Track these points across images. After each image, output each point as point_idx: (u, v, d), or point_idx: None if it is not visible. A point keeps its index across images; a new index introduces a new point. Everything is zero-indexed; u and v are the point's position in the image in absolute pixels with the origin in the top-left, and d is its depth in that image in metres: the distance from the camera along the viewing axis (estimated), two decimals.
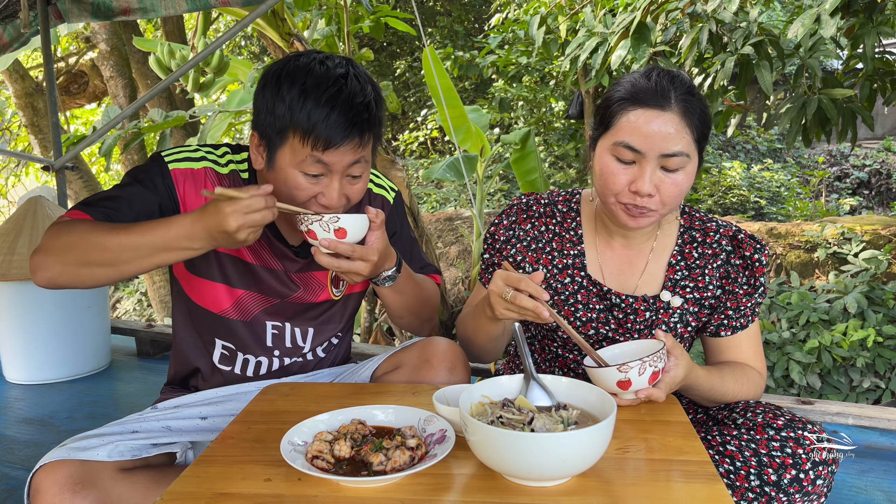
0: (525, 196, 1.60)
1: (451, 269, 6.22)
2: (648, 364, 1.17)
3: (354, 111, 1.27)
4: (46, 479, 1.16)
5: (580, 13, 5.12)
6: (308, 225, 1.28)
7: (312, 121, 1.25)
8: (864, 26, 3.19)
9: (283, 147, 1.30)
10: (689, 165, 1.33)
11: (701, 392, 1.37)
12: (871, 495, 1.90)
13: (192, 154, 1.44)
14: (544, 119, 9.89)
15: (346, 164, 1.31)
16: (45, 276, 1.27)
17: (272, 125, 1.29)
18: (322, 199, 1.33)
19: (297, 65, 1.29)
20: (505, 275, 1.24)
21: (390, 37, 11.28)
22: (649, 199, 1.33)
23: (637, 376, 1.17)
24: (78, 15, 3.25)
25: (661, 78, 1.33)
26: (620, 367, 1.17)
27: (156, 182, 1.39)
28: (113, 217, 1.33)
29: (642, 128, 1.30)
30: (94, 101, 8.79)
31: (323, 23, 4.54)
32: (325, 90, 1.26)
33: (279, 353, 1.56)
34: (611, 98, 1.37)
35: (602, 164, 1.37)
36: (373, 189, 1.64)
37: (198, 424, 1.46)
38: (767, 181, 8.95)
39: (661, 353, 1.19)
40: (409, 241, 1.71)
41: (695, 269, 1.48)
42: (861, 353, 3.95)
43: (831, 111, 3.36)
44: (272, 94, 1.29)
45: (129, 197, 1.37)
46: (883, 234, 4.82)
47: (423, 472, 0.98)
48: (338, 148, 1.27)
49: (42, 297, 2.88)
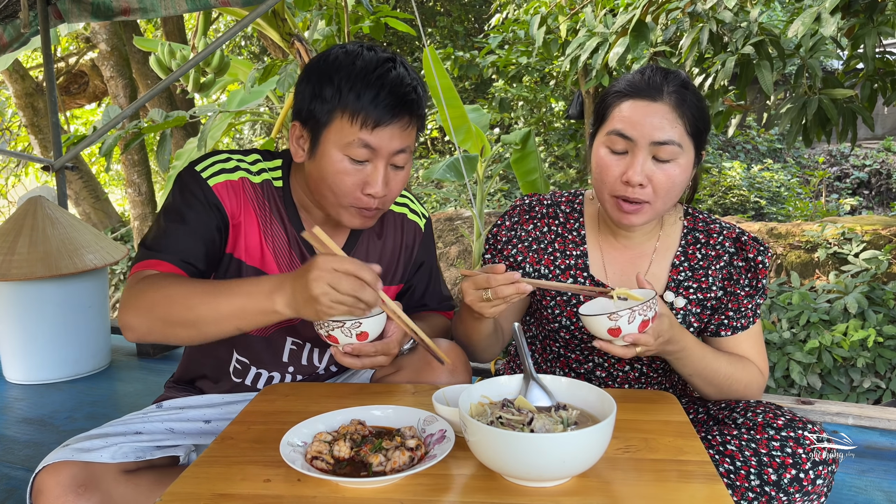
0: (528, 197, 1.60)
1: (452, 269, 6.22)
2: (638, 312, 1.19)
3: (403, 91, 1.28)
4: (49, 480, 1.15)
5: (580, 13, 5.12)
6: (329, 331, 1.26)
7: (363, 100, 1.25)
8: (864, 26, 3.18)
9: (329, 130, 1.29)
10: (682, 157, 1.33)
11: (693, 362, 1.35)
12: (871, 495, 1.90)
13: (225, 165, 1.41)
14: (544, 119, 9.89)
15: (392, 150, 1.30)
16: (134, 336, 1.28)
17: (320, 109, 1.29)
18: (367, 188, 1.31)
19: (345, 51, 1.31)
20: (471, 281, 1.25)
21: (390, 37, 11.27)
22: (641, 190, 1.33)
23: (627, 324, 1.19)
24: (78, 15, 3.25)
25: (654, 73, 1.36)
26: (611, 315, 1.19)
27: (204, 202, 1.36)
28: (188, 257, 1.32)
29: (633, 116, 1.33)
30: (95, 101, 8.79)
31: (323, 23, 4.54)
32: (374, 70, 1.27)
33: (293, 370, 1.55)
34: (607, 93, 1.41)
35: (597, 156, 1.39)
36: (407, 215, 1.62)
37: (201, 427, 1.45)
38: (767, 181, 8.94)
39: (650, 302, 1.20)
40: (433, 272, 1.68)
41: (698, 270, 1.48)
42: (861, 353, 3.95)
43: (832, 111, 3.36)
44: (319, 78, 1.29)
45: (191, 226, 1.34)
46: (883, 234, 4.82)
47: (423, 472, 0.98)
48: (386, 127, 1.27)
49: (42, 297, 2.88)
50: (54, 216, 3.02)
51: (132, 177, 6.50)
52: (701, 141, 1.38)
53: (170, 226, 1.35)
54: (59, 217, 3.04)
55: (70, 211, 3.85)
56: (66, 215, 3.11)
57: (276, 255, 1.43)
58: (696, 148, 1.38)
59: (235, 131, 11.27)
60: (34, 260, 2.83)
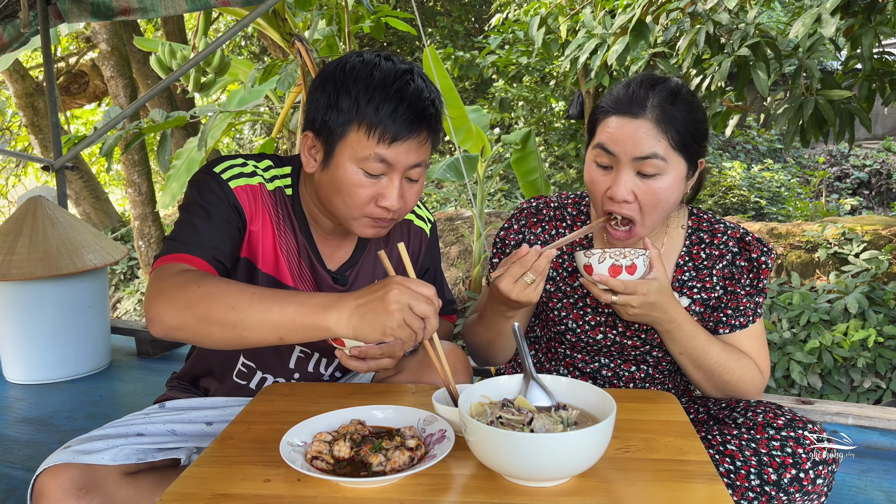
0: (535, 199, 1.61)
1: (452, 269, 6.22)
2: (609, 255, 1.25)
3: (422, 106, 1.24)
4: (50, 483, 1.15)
5: (580, 14, 5.13)
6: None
7: (381, 114, 1.22)
8: (863, 26, 3.18)
9: (344, 142, 1.25)
10: (668, 171, 1.32)
11: (684, 340, 1.35)
12: (871, 495, 1.90)
13: (243, 169, 1.38)
14: (545, 119, 9.89)
15: (408, 164, 1.27)
16: (162, 330, 1.19)
17: (335, 120, 1.25)
18: (382, 200, 1.28)
19: (362, 60, 1.27)
20: (508, 276, 1.28)
21: (390, 37, 11.27)
22: (626, 206, 1.34)
23: (597, 263, 1.26)
24: (78, 15, 3.25)
25: (639, 87, 1.35)
26: (586, 252, 1.27)
27: (226, 202, 1.34)
28: (217, 254, 1.30)
29: (615, 132, 1.33)
30: (95, 101, 8.79)
31: (324, 23, 4.54)
32: (393, 83, 1.23)
33: (299, 376, 1.55)
34: (595, 108, 1.43)
35: (587, 171, 1.41)
36: (413, 221, 1.60)
37: (203, 429, 1.45)
38: (768, 181, 8.94)
39: (628, 251, 1.25)
40: (437, 277, 1.68)
41: (702, 269, 1.48)
42: (862, 353, 3.95)
43: (829, 112, 3.36)
44: (335, 88, 1.25)
45: (217, 223, 1.32)
46: (883, 234, 4.82)
47: (423, 472, 0.98)
48: (403, 142, 1.24)
49: (42, 297, 2.89)
50: (54, 216, 3.03)
51: (132, 177, 6.50)
52: (692, 152, 1.36)
53: (197, 220, 1.31)
54: (59, 217, 3.05)
55: (70, 211, 3.85)
56: (66, 215, 3.11)
57: (288, 263, 1.42)
58: (689, 160, 1.36)
59: (235, 131, 11.27)
60: (34, 260, 2.83)
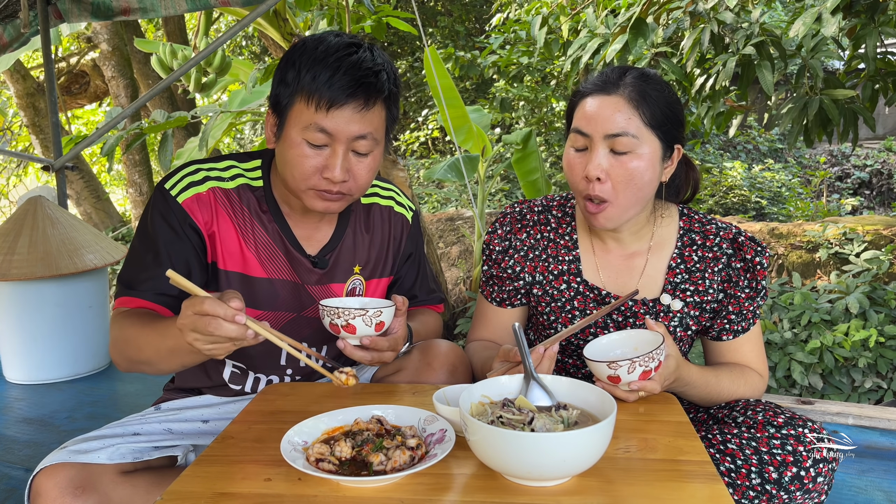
0: (518, 204, 1.59)
1: (453, 269, 6.22)
2: (639, 364, 1.17)
3: (360, 73, 1.26)
4: (47, 482, 1.15)
5: (582, 13, 5.12)
6: (349, 319, 1.26)
7: (318, 81, 1.25)
8: (865, 26, 3.18)
9: (290, 114, 1.29)
10: (641, 149, 1.32)
11: (697, 391, 1.36)
12: (871, 495, 1.89)
13: (194, 177, 1.40)
14: (546, 119, 9.88)
15: (350, 135, 1.28)
16: (121, 369, 1.37)
17: (283, 93, 1.30)
18: (326, 171, 1.30)
19: (315, 38, 1.31)
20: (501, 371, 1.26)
21: (391, 37, 11.28)
22: (601, 185, 1.34)
23: (626, 374, 1.18)
24: (78, 15, 3.25)
25: (613, 71, 1.37)
26: (610, 363, 1.17)
27: (176, 225, 1.36)
28: (162, 290, 1.34)
29: (588, 112, 1.34)
30: (96, 101, 8.79)
31: (324, 23, 4.54)
32: (334, 54, 1.26)
33: (292, 373, 1.55)
34: (574, 94, 1.43)
35: (565, 157, 1.40)
36: (394, 207, 1.62)
37: (199, 427, 1.45)
38: (768, 181, 8.93)
39: (654, 353, 1.18)
40: (421, 263, 1.69)
41: (695, 272, 1.47)
42: (863, 353, 3.94)
43: (833, 112, 3.35)
44: (284, 64, 1.30)
45: (167, 253, 1.35)
46: (884, 234, 4.81)
47: (423, 471, 0.98)
48: (340, 109, 1.25)
49: (42, 297, 2.89)
50: (54, 216, 3.03)
51: (133, 177, 6.51)
52: (668, 133, 1.36)
53: (145, 258, 1.37)
54: (60, 217, 3.05)
55: (71, 211, 3.85)
56: (67, 215, 3.11)
57: (259, 255, 1.43)
58: (664, 140, 1.35)
59: (236, 131, 11.28)
60: (34, 260, 2.83)
